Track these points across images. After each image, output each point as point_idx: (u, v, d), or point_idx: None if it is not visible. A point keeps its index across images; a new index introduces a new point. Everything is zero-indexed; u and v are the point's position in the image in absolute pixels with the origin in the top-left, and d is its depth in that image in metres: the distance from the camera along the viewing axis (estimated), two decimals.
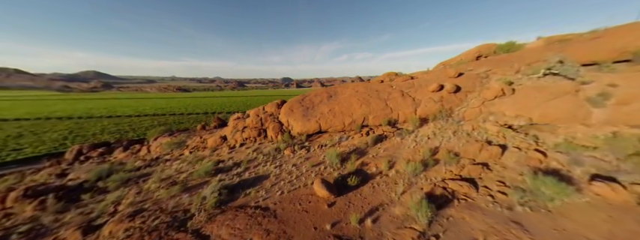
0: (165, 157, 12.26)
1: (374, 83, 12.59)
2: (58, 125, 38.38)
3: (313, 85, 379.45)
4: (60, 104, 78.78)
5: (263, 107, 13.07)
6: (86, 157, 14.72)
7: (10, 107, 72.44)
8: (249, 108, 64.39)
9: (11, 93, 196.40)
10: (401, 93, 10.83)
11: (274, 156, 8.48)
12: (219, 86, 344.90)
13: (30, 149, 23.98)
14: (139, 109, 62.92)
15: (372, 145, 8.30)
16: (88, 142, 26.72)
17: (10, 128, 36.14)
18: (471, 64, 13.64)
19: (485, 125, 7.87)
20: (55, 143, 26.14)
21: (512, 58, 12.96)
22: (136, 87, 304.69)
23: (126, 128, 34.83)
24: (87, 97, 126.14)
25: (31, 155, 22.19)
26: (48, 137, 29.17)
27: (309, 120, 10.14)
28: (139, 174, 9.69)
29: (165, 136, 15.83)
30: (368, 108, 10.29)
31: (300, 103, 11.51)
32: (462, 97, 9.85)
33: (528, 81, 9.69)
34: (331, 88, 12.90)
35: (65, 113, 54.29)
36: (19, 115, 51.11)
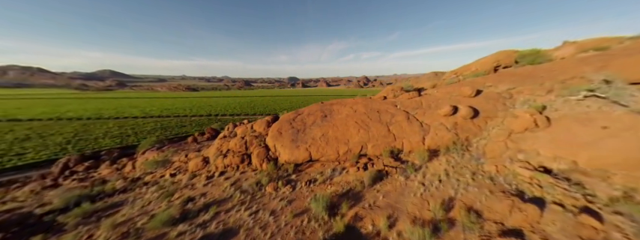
0: (146, 177, 11.24)
1: (375, 101, 10.95)
2: (66, 127, 38.82)
3: (319, 84, 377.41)
4: (73, 104, 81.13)
5: (252, 125, 11.76)
6: (71, 171, 13.99)
7: (28, 107, 75.17)
8: (253, 110, 63.56)
9: (34, 91, 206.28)
10: (406, 115, 9.15)
11: (253, 194, 7.13)
12: (227, 85, 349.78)
13: (32, 154, 23.90)
14: (145, 110, 63.56)
15: (370, 185, 6.77)
16: (88, 147, 26.49)
17: (21, 130, 36.79)
18: (489, 78, 11.72)
19: (513, 167, 6.18)
20: (57, 148, 26.04)
21: (540, 72, 10.97)
22: (147, 86, 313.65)
23: (128, 131, 34.68)
24: (100, 96, 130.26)
25: (31, 161, 22.00)
26: (52, 141, 29.26)
27: (299, 147, 8.67)
28: (107, 204, 8.62)
29: (154, 150, 14.89)
30: (367, 134, 8.70)
31: (290, 125, 10.06)
32: (481, 125, 8.10)
33: (565, 106, 7.79)
34: (327, 104, 11.36)
35: (76, 114, 55.40)
36: (33, 116, 52.54)
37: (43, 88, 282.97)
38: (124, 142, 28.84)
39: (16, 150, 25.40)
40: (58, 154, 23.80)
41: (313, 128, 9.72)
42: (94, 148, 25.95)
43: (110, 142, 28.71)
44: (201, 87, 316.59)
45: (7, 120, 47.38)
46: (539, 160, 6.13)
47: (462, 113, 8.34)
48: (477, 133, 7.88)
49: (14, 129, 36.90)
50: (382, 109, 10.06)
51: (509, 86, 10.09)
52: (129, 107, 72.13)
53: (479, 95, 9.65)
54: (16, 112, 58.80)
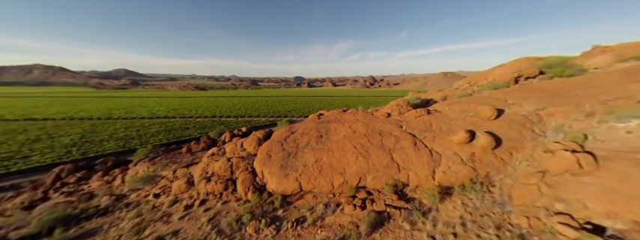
0: (131, 196, 10.55)
1: (378, 119, 9.64)
2: (76, 128, 39.62)
3: (325, 84, 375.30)
4: (88, 103, 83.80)
5: (242, 143, 10.77)
6: (63, 183, 13.60)
7: (46, 105, 78.31)
8: (257, 111, 63.14)
9: (55, 89, 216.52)
10: (413, 140, 7.83)
11: (231, 236, 6.11)
12: (234, 84, 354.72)
13: (37, 157, 24.17)
14: (153, 110, 64.57)
15: (368, 234, 5.58)
16: (92, 151, 26.58)
17: (34, 130, 37.84)
18: (510, 92, 10.13)
19: (551, 222, 4.80)
20: (62, 151, 26.30)
21: (574, 88, 9.29)
22: (159, 84, 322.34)
23: (133, 133, 34.89)
24: (113, 95, 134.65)
25: (36, 165, 22.15)
26: (59, 143, 29.71)
27: (288, 175, 7.56)
28: (80, 232, 7.90)
29: (146, 162, 14.27)
30: (366, 162, 7.46)
31: (281, 146, 8.96)
32: (505, 158, 6.68)
33: (612, 135, 6.20)
34: (324, 122, 10.16)
35: (87, 114, 56.89)
36: (48, 115, 54.35)
37: (63, 87, 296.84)
38: (126, 145, 28.85)
39: (25, 152, 25.81)
40: (62, 157, 23.92)
41: (306, 151, 8.56)
42: (97, 152, 25.99)
43: (114, 145, 28.80)
44: (209, 86, 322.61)
45: (24, 119, 49.16)
46: (586, 215, 4.73)
47: (482, 142, 6.92)
48: (499, 168, 6.47)
49: (28, 129, 38.00)
50: (385, 130, 8.75)
51: (537, 106, 8.51)
52: (138, 107, 73.68)
53: (500, 117, 8.15)
54: (33, 111, 61.19)
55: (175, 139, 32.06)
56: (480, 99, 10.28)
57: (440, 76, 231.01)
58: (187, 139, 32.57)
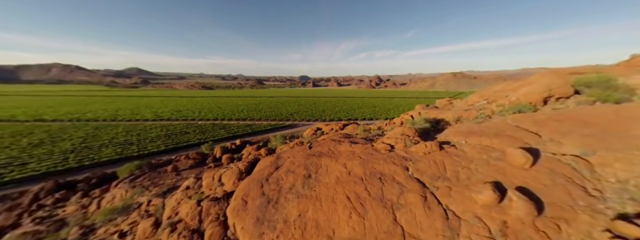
0: (99, 230, 9.45)
1: (379, 155, 7.95)
2: (80, 131, 39.82)
3: (330, 84, 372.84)
4: (97, 103, 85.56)
5: (220, 175, 9.37)
6: (39, 205, 12.75)
7: (59, 105, 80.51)
8: (259, 114, 62.08)
9: (71, 87, 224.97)
10: (422, 192, 6.10)
11: None
12: (240, 84, 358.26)
13: (34, 165, 23.93)
14: (158, 112, 64.91)
15: None
16: (88, 158, 26.14)
17: (40, 133, 38.29)
18: (544, 123, 8.13)
19: None
20: (60, 157, 26.05)
21: (632, 123, 7.27)
22: (168, 83, 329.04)
23: (133, 138, 34.58)
24: (123, 94, 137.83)
25: (31, 173, 21.80)
26: (59, 148, 29.63)
27: (263, 236, 6.04)
28: None
29: (126, 183, 13.20)
30: (361, 223, 5.83)
31: (261, 189, 7.45)
32: (552, 235, 4.90)
33: None
34: (315, 156, 8.56)
35: (94, 115, 57.66)
36: (57, 116, 55.44)
37: (79, 85, 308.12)
38: (124, 152, 28.36)
39: (24, 158, 25.68)
40: (58, 165, 23.53)
41: (289, 199, 7.01)
42: (93, 159, 25.53)
43: (111, 151, 28.36)
44: (216, 85, 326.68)
45: (34, 120, 50.29)
46: None
47: (517, 209, 5.11)
48: None
49: (34, 131, 38.46)
50: (387, 173, 7.05)
51: (584, 148, 6.52)
52: (144, 108, 74.51)
53: (536, 163, 6.28)
54: (45, 112, 62.76)
55: (173, 146, 31.40)
56: (504, 129, 8.33)
57: (449, 77, 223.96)
58: (185, 146, 31.84)
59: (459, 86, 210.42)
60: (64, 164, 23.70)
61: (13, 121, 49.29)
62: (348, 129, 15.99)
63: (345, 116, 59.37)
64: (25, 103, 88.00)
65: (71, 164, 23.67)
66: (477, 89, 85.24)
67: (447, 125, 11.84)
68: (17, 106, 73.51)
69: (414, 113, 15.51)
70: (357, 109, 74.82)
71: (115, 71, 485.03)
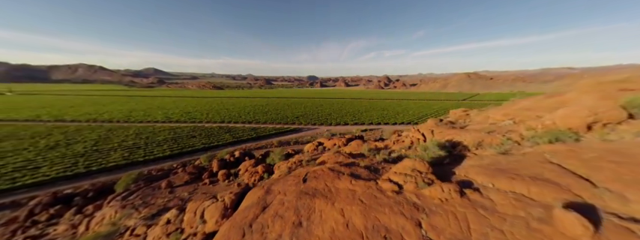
0: None
1: (384, 199, 6.55)
2: (94, 132, 41.26)
3: (338, 84, 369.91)
4: (114, 104, 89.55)
5: (203, 210, 8.43)
6: (33, 221, 12.63)
7: (80, 105, 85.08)
8: (265, 116, 61.64)
9: (94, 87, 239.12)
10: None
11: None
12: (250, 83, 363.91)
13: (45, 169, 24.58)
14: (168, 113, 66.54)
15: None
16: (96, 163, 26.59)
17: (58, 133, 40.08)
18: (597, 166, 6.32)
19: None
20: (70, 161, 26.74)
21: None
22: (181, 83, 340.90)
23: (141, 142, 35.19)
24: (139, 94, 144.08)
25: (41, 179, 22.24)
26: (72, 151, 30.59)
27: None
28: None
29: (119, 200, 12.75)
30: None
31: (242, 235, 6.35)
32: None
33: None
34: (308, 196, 7.31)
35: (110, 116, 60.03)
36: (77, 116, 58.28)
37: (101, 84, 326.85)
38: (131, 156, 28.73)
39: (38, 161, 26.58)
40: (67, 170, 24.06)
41: None
42: (100, 164, 25.97)
43: (119, 156, 28.82)
44: (226, 85, 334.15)
45: (55, 120, 53.13)
46: None
47: None
48: None
49: (53, 133, 40.32)
50: (393, 228, 5.65)
51: None
52: (157, 108, 76.93)
53: (599, 234, 4.64)
54: (66, 112, 66.34)
55: (178, 150, 31.50)
56: (543, 169, 6.61)
57: (462, 78, 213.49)
58: (189, 151, 31.86)
59: (474, 87, 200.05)
60: (73, 169, 24.22)
61: (38, 121, 52.30)
62: (351, 146, 14.64)
63: (352, 120, 57.65)
64: (52, 102, 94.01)
65: (79, 169, 24.14)
66: (494, 91, 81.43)
67: (466, 151, 10.14)
68: (43, 106, 78.45)
69: (425, 130, 13.82)
70: (365, 113, 72.69)
71: (134, 71, 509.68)
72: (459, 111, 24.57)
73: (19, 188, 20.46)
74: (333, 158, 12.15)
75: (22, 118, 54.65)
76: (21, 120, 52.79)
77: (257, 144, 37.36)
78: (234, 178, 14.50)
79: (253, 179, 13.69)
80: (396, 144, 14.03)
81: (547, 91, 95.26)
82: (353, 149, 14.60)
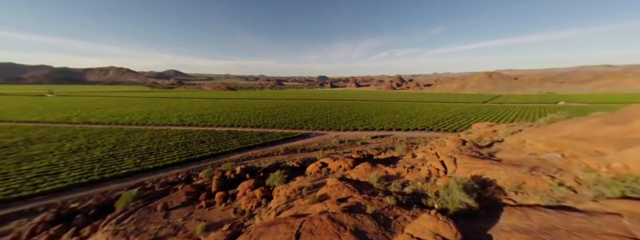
0: None
1: None
2: (113, 136, 43.34)
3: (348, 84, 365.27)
4: (135, 106, 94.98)
5: None
6: None
7: (106, 106, 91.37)
8: (273, 120, 60.28)
9: (121, 88, 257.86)
10: None
11: None
12: (261, 84, 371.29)
13: (64, 175, 25.58)
14: (183, 116, 68.84)
15: None
16: (110, 170, 27.31)
17: (82, 136, 42.65)
18: None
19: None
20: (87, 168, 27.84)
21: None
22: (198, 84, 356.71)
23: (154, 147, 36.10)
24: (159, 96, 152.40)
25: (59, 185, 23.13)
26: (90, 156, 32.00)
27: None
28: None
29: (113, 223, 12.35)
30: None
31: None
32: None
33: None
34: None
35: (131, 118, 63.32)
36: (102, 118, 62.22)
37: (128, 86, 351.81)
38: (142, 163, 29.37)
39: (59, 166, 27.95)
40: (83, 177, 24.94)
41: None
42: (113, 171, 26.72)
43: (131, 162, 29.60)
44: (239, 86, 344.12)
45: (82, 122, 57.11)
46: None
47: None
48: None
49: (77, 136, 43.01)
50: None
51: None
52: (173, 110, 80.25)
53: None
54: (93, 113, 71.28)
55: (186, 157, 31.79)
56: None
57: (483, 78, 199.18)
58: (198, 158, 32.02)
59: (495, 88, 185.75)
60: (88, 176, 25.11)
61: (67, 123, 56.53)
62: (358, 170, 13.03)
63: (362, 125, 55.40)
64: (83, 103, 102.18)
65: (94, 176, 24.96)
66: (518, 92, 73.59)
67: (501, 195, 8.12)
68: (74, 108, 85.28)
69: (445, 157, 11.76)
70: (375, 117, 69.82)
71: (157, 73, 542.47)
72: (483, 126, 21.79)
73: (38, 195, 21.43)
74: (336, 191, 10.62)
75: (54, 120, 59.49)
76: (54, 122, 57.42)
77: (263, 151, 36.79)
78: (231, 201, 13.58)
79: (250, 205, 12.62)
80: (410, 173, 12.14)
81: (585, 92, 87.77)
82: (360, 175, 12.95)
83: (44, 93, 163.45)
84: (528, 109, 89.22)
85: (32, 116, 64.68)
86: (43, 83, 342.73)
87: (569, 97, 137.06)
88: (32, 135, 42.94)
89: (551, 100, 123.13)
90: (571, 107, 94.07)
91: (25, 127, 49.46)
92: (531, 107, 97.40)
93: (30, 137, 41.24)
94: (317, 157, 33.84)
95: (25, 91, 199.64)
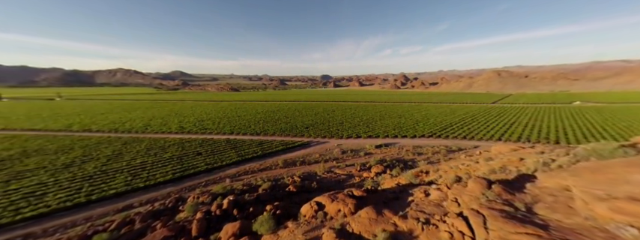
0: None
1: None
2: (111, 146, 42.10)
3: (351, 84, 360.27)
4: (139, 110, 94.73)
5: None
6: None
7: (109, 111, 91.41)
8: (273, 126, 56.90)
9: (127, 90, 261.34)
10: None
11: None
12: (265, 84, 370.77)
13: (50, 196, 23.92)
14: (183, 122, 67.66)
15: None
16: (99, 189, 25.96)
17: (79, 148, 41.59)
18: None
19: None
20: (77, 185, 26.49)
21: None
22: (203, 85, 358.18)
23: (149, 161, 34.59)
24: (163, 98, 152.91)
25: (41, 211, 21.20)
26: (83, 171, 30.68)
27: None
28: None
29: None
30: None
31: None
32: None
33: None
34: None
35: (131, 125, 62.47)
36: (103, 126, 61.42)
37: (135, 87, 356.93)
38: (133, 182, 27.76)
39: (48, 185, 26.55)
40: (69, 200, 23.48)
41: None
42: (101, 191, 25.22)
43: (121, 180, 28.03)
44: (242, 86, 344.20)
45: (83, 130, 56.55)
46: None
47: None
48: None
49: (75, 147, 42.02)
50: None
51: None
52: (174, 116, 79.36)
53: None
54: (96, 120, 70.96)
55: (180, 173, 30.10)
56: None
57: (491, 76, 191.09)
58: (192, 173, 30.29)
59: (505, 87, 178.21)
60: (75, 198, 23.66)
61: (68, 131, 56.09)
62: (361, 220, 10.66)
63: (365, 132, 52.74)
64: (89, 108, 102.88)
65: (80, 198, 23.49)
66: (528, 91, 67.83)
67: None
68: (79, 113, 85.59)
69: (470, 212, 9.19)
70: (379, 121, 66.89)
71: (163, 74, 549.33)
72: (505, 149, 18.62)
73: (18, 222, 20.04)
74: None
75: (56, 128, 59.23)
76: (55, 130, 57.11)
77: (261, 164, 34.80)
78: None
79: None
80: (425, 232, 9.63)
81: (601, 90, 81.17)
82: (363, 227, 10.53)
83: (53, 97, 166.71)
84: (542, 111, 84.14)
85: (36, 124, 64.83)
86: (54, 86, 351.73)
87: (584, 96, 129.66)
88: (30, 146, 42.30)
89: (565, 100, 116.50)
90: (588, 108, 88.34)
91: (25, 137, 49.07)
92: (545, 108, 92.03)
93: (27, 149, 40.55)
94: (317, 172, 31.58)
95: (36, 94, 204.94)
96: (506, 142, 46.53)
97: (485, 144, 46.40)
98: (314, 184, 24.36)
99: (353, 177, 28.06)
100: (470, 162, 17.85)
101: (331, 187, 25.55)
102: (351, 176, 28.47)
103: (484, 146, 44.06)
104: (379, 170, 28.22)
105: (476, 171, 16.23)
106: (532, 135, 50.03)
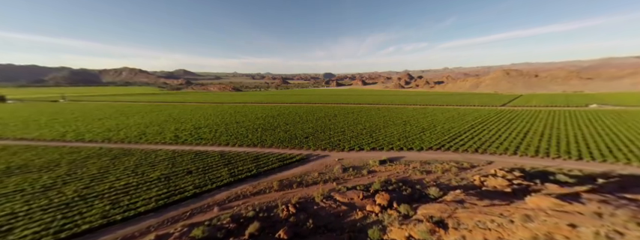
0: None
1: None
2: (97, 163, 38.98)
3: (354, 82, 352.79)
4: (138, 115, 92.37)
5: None
6: None
7: (108, 116, 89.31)
8: (272, 136, 51.99)
9: (131, 90, 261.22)
10: None
11: None
12: (267, 83, 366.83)
13: (17, 232, 21.86)
14: (180, 129, 64.91)
15: None
16: (71, 222, 23.08)
17: (65, 164, 38.91)
18: None
19: None
20: (49, 218, 23.84)
21: None
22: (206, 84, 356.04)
23: (134, 182, 31.85)
24: (165, 100, 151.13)
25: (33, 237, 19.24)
26: (59, 198, 27.69)
27: None
28: None
29: None
30: None
31: None
32: None
33: None
34: None
35: (126, 133, 59.91)
36: (96, 134, 58.74)
37: (140, 87, 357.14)
38: (111, 211, 24.91)
39: (18, 217, 23.91)
40: (35, 238, 20.78)
41: None
42: (75, 225, 22.39)
43: (99, 210, 25.08)
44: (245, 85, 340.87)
45: (75, 140, 54.43)
46: None
47: None
48: None
49: (61, 163, 39.49)
50: None
51: None
52: (172, 121, 76.81)
53: None
54: (92, 127, 68.86)
55: (164, 200, 27.07)
56: None
57: (499, 75, 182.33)
58: (178, 200, 27.30)
59: (514, 87, 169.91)
60: (42, 236, 20.90)
61: (61, 141, 53.93)
62: None
63: (368, 143, 48.97)
64: (89, 112, 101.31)
65: (48, 237, 20.70)
66: (539, 91, 60.28)
67: None
68: (77, 118, 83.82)
69: None
70: (383, 129, 62.82)
71: (167, 73, 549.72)
72: (547, 203, 14.51)
73: None
74: None
75: (50, 137, 57.18)
76: (48, 140, 55.08)
77: (255, 186, 31.56)
78: None
79: None
80: None
81: (618, 90, 72.54)
82: None
83: (57, 98, 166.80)
84: (557, 115, 78.37)
85: (31, 132, 63.04)
86: (62, 85, 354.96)
87: (600, 98, 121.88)
88: (16, 161, 40.02)
89: (580, 103, 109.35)
90: (606, 112, 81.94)
91: (14, 150, 46.98)
92: (559, 112, 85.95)
93: (12, 165, 38.21)
94: (315, 198, 28.22)
95: (42, 95, 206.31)
96: (522, 157, 42.30)
97: (500, 159, 42.12)
98: (309, 224, 21.00)
99: (355, 209, 24.53)
100: (502, 219, 13.97)
101: (330, 225, 22.17)
102: (352, 207, 24.95)
103: (498, 162, 39.84)
104: (384, 202, 24.61)
105: (511, 236, 12.57)
106: (551, 147, 45.36)
